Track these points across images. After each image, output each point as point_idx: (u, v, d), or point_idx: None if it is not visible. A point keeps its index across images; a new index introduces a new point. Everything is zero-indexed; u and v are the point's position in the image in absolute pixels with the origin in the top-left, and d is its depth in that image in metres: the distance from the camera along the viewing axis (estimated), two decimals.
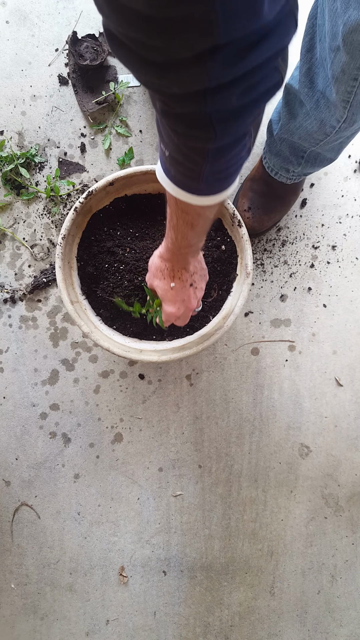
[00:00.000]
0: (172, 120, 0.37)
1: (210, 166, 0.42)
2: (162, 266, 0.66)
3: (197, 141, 0.38)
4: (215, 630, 1.12)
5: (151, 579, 1.11)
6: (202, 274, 0.71)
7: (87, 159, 1.09)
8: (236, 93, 0.32)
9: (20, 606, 1.11)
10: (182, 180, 0.46)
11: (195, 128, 0.36)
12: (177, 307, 0.68)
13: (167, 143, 0.42)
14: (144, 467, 1.10)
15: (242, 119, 0.36)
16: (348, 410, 1.10)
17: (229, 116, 0.35)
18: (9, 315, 1.09)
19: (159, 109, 0.37)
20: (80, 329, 0.81)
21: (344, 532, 1.12)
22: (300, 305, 1.10)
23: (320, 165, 0.89)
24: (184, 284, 0.67)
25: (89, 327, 0.82)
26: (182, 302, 0.68)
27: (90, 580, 1.11)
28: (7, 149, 1.07)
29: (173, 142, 0.40)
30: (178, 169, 0.45)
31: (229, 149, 0.40)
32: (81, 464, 1.09)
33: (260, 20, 0.28)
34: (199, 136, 0.37)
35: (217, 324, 0.84)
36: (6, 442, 1.09)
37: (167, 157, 0.44)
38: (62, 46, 1.08)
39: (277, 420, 1.10)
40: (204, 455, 1.10)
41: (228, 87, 0.32)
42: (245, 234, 0.81)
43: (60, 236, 0.80)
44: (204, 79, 0.30)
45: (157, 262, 0.67)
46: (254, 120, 0.38)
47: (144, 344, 0.87)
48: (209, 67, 0.29)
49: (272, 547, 1.11)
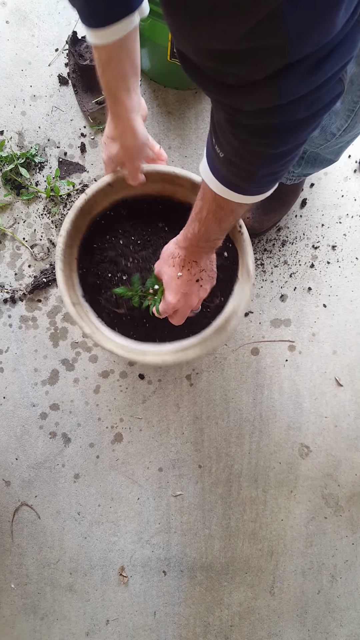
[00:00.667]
0: (237, 129, 0.38)
1: (266, 169, 0.43)
2: (175, 253, 0.66)
3: (258, 147, 0.39)
4: (215, 630, 1.12)
5: (151, 579, 1.11)
6: (210, 275, 0.71)
7: (87, 159, 1.09)
8: (304, 106, 0.33)
9: (20, 606, 1.11)
10: (233, 180, 0.47)
11: (259, 137, 0.37)
12: (178, 299, 0.68)
13: (223, 146, 0.43)
14: (144, 467, 1.10)
15: (305, 128, 0.37)
16: (348, 410, 1.10)
17: (294, 126, 0.36)
18: (9, 315, 1.09)
19: (224, 119, 0.38)
20: (82, 330, 0.80)
21: (344, 532, 1.12)
22: (300, 305, 1.10)
23: (320, 166, 0.89)
24: (191, 277, 0.67)
25: (91, 329, 0.81)
26: (184, 295, 0.68)
27: (90, 580, 1.11)
28: (7, 149, 1.07)
29: (232, 145, 0.41)
30: (231, 170, 0.46)
31: (288, 154, 0.41)
32: (81, 464, 1.09)
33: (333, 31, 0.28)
34: (262, 143, 0.38)
35: (219, 326, 0.84)
36: (6, 442, 1.09)
37: (222, 158, 0.45)
38: (62, 46, 1.08)
39: (277, 420, 1.10)
40: (204, 455, 1.10)
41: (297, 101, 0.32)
42: (246, 235, 0.81)
43: (60, 237, 0.80)
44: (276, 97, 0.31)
45: (171, 248, 0.67)
46: (316, 128, 0.39)
47: (147, 346, 0.87)
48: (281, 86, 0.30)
49: (272, 547, 1.11)
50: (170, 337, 0.88)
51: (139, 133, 0.67)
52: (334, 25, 0.27)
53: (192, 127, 1.08)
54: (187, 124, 1.08)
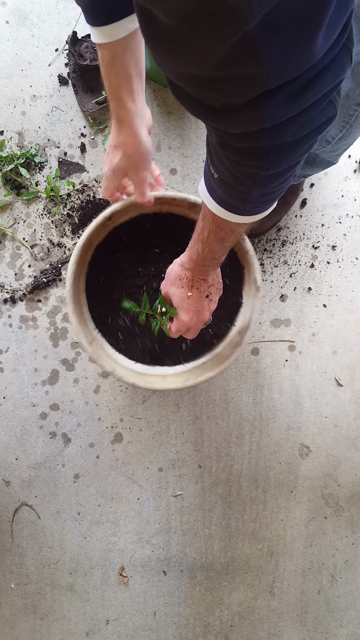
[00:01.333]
0: (228, 151, 0.39)
1: (260, 190, 0.43)
2: (182, 275, 0.67)
3: (250, 169, 0.39)
4: (215, 630, 1.12)
5: (151, 579, 1.11)
6: (218, 287, 0.72)
7: (87, 159, 1.09)
8: (292, 129, 0.33)
9: (20, 606, 1.11)
10: (229, 200, 0.47)
11: (250, 159, 0.38)
12: (191, 317, 0.69)
13: (217, 167, 0.44)
14: (144, 467, 1.10)
15: (296, 151, 0.37)
16: (348, 410, 1.10)
17: (284, 149, 0.36)
18: (9, 315, 1.09)
19: (215, 140, 0.39)
20: (103, 369, 0.81)
21: (344, 532, 1.12)
22: (300, 305, 1.10)
23: (320, 167, 0.89)
24: (200, 295, 0.68)
25: (111, 366, 0.82)
26: (196, 313, 0.69)
27: (90, 580, 1.11)
28: (7, 149, 1.07)
29: (225, 167, 0.42)
30: (226, 191, 0.46)
31: (281, 175, 0.41)
32: (81, 464, 1.09)
33: (313, 59, 0.28)
34: (254, 165, 0.38)
35: (231, 340, 0.84)
36: (6, 442, 1.09)
37: (216, 179, 0.46)
38: (62, 46, 1.08)
39: (277, 420, 1.10)
40: (204, 455, 1.10)
41: (284, 125, 0.32)
42: (250, 248, 0.81)
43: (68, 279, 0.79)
44: (260, 121, 0.31)
45: (177, 270, 0.68)
46: (308, 150, 0.39)
47: (164, 369, 0.87)
48: (264, 110, 0.30)
49: (272, 547, 1.11)
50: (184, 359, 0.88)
51: (142, 140, 0.65)
52: (313, 53, 0.27)
53: (192, 127, 1.08)
54: (187, 124, 1.08)
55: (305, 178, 1.00)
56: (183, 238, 0.89)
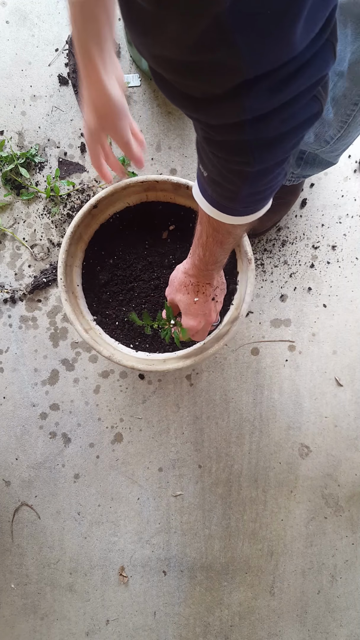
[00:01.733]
0: (213, 146, 0.38)
1: (249, 188, 0.42)
2: (187, 281, 0.67)
3: (236, 165, 0.39)
4: (215, 630, 1.12)
5: (151, 579, 1.11)
6: (222, 288, 0.72)
7: (87, 159, 1.09)
8: (275, 123, 0.33)
9: (20, 606, 1.11)
10: (220, 200, 0.47)
11: (235, 154, 0.37)
12: (199, 321, 0.70)
13: (206, 165, 0.43)
14: (144, 467, 1.10)
15: (281, 147, 0.37)
16: (348, 410, 1.10)
17: (269, 144, 0.36)
18: (9, 315, 1.09)
19: (201, 136, 0.39)
20: (100, 354, 0.82)
21: (344, 532, 1.12)
22: (300, 305, 1.10)
23: (320, 167, 0.89)
24: (207, 298, 0.68)
25: (109, 351, 0.83)
26: (204, 316, 0.70)
27: (90, 580, 1.11)
28: (7, 149, 1.07)
29: (213, 164, 0.41)
30: (216, 190, 0.46)
31: (268, 173, 0.41)
32: (81, 464, 1.09)
33: (292, 52, 0.28)
34: (239, 161, 0.38)
35: (231, 316, 0.85)
36: (6, 442, 1.09)
37: (206, 178, 0.46)
38: (62, 46, 1.08)
39: (277, 420, 1.10)
40: (204, 455, 1.10)
41: (267, 118, 0.32)
42: None
43: (59, 268, 0.81)
44: (240, 112, 0.31)
45: (181, 277, 0.68)
46: (294, 147, 0.39)
47: (164, 354, 0.88)
48: (244, 101, 0.30)
49: (272, 547, 1.11)
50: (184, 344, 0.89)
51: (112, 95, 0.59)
52: (292, 45, 0.27)
53: (192, 127, 1.08)
54: (187, 124, 1.08)
55: (305, 178, 1.00)
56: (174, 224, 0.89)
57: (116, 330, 0.90)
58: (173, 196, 0.86)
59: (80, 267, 0.88)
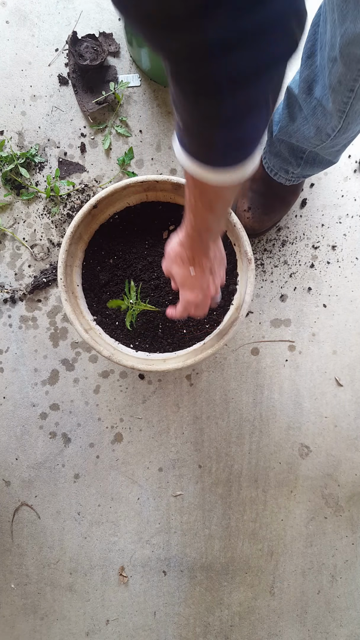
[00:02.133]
0: (182, 84, 0.36)
1: (224, 133, 0.40)
2: (182, 253, 0.65)
3: (207, 106, 0.37)
4: (215, 630, 1.12)
5: (151, 579, 1.11)
6: (221, 260, 0.71)
7: (87, 159, 1.09)
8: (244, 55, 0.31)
9: (20, 606, 1.11)
10: (197, 150, 0.45)
11: (204, 93, 0.35)
12: (196, 294, 0.68)
13: (181, 113, 0.41)
14: (144, 467, 1.10)
15: (254, 85, 0.35)
16: (348, 410, 1.11)
17: (239, 81, 0.34)
18: (9, 315, 1.09)
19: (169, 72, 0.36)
20: (100, 354, 0.82)
21: (344, 532, 1.12)
22: (300, 305, 1.10)
23: (320, 167, 0.89)
24: (203, 271, 0.66)
25: (109, 351, 0.83)
26: (201, 289, 0.68)
27: (90, 580, 1.11)
28: (7, 149, 1.07)
29: (186, 109, 0.40)
30: (192, 140, 0.44)
31: (242, 115, 0.38)
32: (81, 464, 1.09)
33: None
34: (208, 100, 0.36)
35: (231, 316, 0.85)
36: (6, 442, 1.09)
37: (182, 128, 0.44)
38: (62, 46, 1.08)
39: (277, 420, 1.10)
40: (204, 455, 1.10)
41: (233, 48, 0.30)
42: (237, 221, 0.81)
43: (59, 268, 0.81)
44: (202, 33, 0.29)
45: (176, 248, 0.66)
46: (270, 88, 0.37)
47: (164, 354, 0.88)
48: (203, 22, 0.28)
49: (272, 547, 1.11)
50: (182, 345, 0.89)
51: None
52: None
53: None
54: None
55: (305, 178, 1.00)
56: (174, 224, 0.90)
57: (116, 330, 0.90)
58: (173, 196, 0.86)
59: (80, 267, 0.88)
